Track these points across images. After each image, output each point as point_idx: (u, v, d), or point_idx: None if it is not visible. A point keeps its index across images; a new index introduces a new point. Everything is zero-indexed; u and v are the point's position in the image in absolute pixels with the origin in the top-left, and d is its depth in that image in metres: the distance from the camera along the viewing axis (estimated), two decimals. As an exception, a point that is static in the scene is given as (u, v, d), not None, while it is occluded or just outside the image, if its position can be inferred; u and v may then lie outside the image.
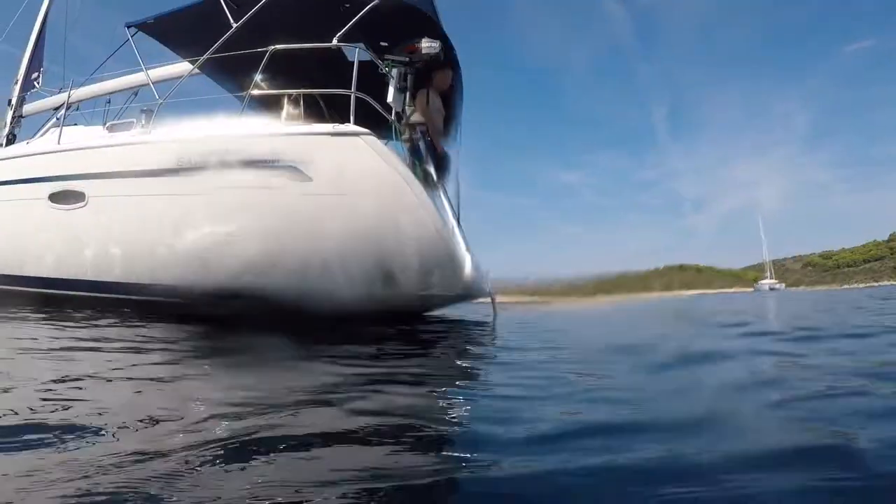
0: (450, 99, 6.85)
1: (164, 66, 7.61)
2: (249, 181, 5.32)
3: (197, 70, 6.66)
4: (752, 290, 62.93)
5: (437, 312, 7.10)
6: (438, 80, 6.23)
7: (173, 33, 7.06)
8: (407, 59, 5.88)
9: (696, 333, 5.21)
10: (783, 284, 75.58)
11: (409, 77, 5.90)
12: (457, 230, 5.57)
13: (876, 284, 72.56)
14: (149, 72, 7.06)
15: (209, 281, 5.67)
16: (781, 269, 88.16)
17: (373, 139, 5.13)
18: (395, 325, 5.48)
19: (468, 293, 6.13)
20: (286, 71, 5.89)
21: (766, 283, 73.76)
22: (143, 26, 6.93)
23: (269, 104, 6.14)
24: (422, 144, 5.83)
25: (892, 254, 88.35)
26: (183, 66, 7.25)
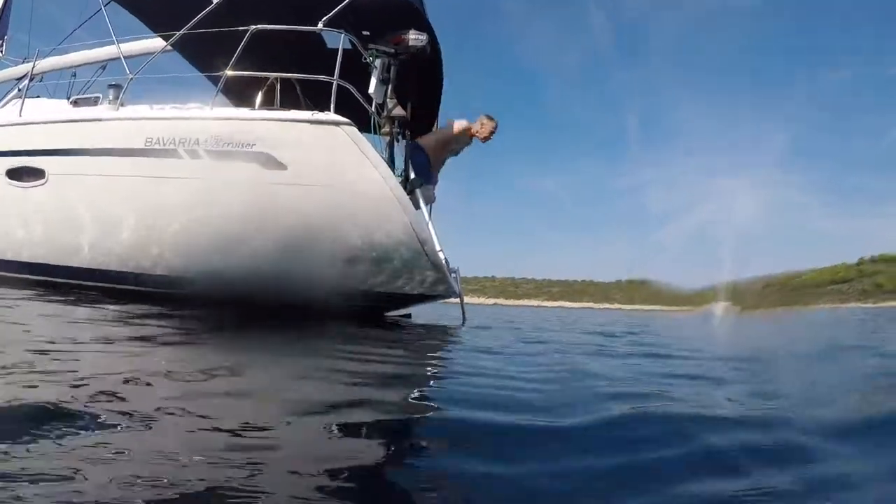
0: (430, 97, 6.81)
1: (136, 40, 7.29)
2: (220, 166, 5.11)
3: (171, 47, 6.34)
4: (704, 311, 63.83)
5: (405, 311, 6.92)
6: (484, 128, 6.22)
7: (148, 6, 6.71)
8: (392, 50, 5.69)
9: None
10: (738, 307, 76.64)
11: (392, 69, 5.70)
12: (431, 229, 5.43)
13: (842, 306, 74.07)
14: (120, 45, 6.71)
15: (175, 266, 5.52)
16: (740, 291, 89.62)
17: (353, 130, 4.92)
18: (364, 323, 5.36)
19: (439, 293, 5.97)
20: (265, 54, 5.60)
21: (720, 305, 74.74)
22: None
23: (245, 88, 5.86)
24: (401, 139, 5.71)
25: (860, 276, 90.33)
26: (156, 42, 6.84)
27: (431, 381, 2.61)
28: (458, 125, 6.25)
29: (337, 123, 4.89)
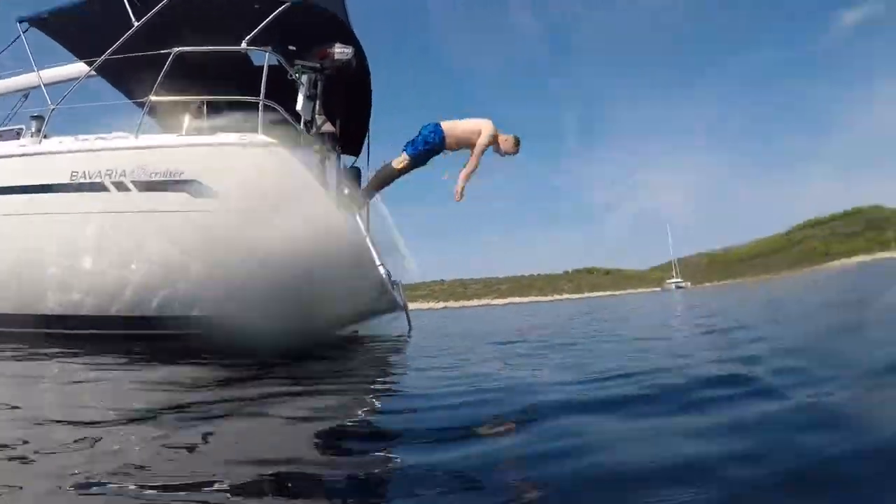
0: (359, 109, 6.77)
1: (58, 66, 7.09)
2: (149, 199, 4.98)
3: (94, 72, 6.21)
4: (659, 290, 65.58)
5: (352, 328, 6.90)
6: (505, 144, 5.71)
7: (70, 30, 6.58)
8: (318, 64, 5.73)
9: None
10: (689, 283, 79.24)
11: (318, 84, 5.74)
12: (369, 243, 5.39)
13: (769, 277, 76.88)
14: (41, 73, 6.58)
15: (106, 308, 5.27)
16: (687, 268, 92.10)
17: (282, 150, 4.91)
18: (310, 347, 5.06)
19: (384, 308, 5.97)
20: (190, 76, 5.54)
21: (673, 282, 77.30)
22: (36, 22, 6.42)
23: (172, 111, 5.73)
24: (332, 156, 5.69)
25: (790, 245, 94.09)
26: (79, 68, 6.75)
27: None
28: (492, 128, 5.66)
29: (265, 145, 4.87)
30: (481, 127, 5.61)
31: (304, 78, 5.64)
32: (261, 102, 5.05)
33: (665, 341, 4.69)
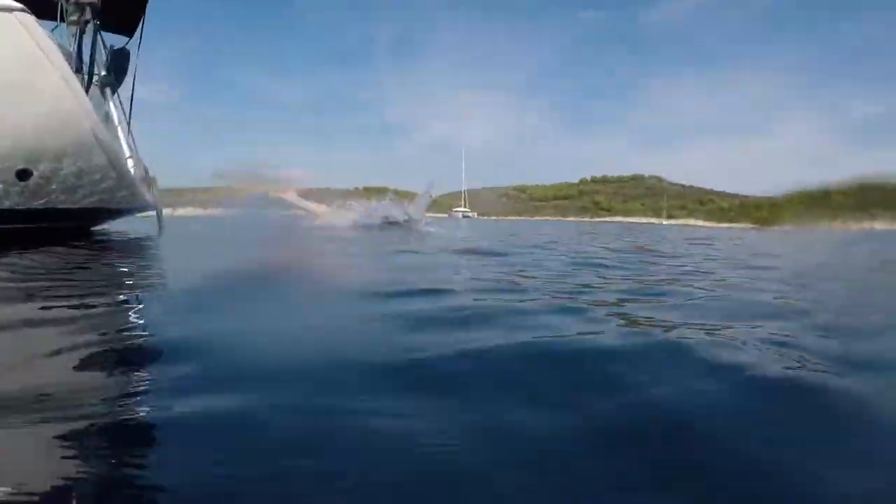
0: None
1: None
2: None
3: None
4: (446, 216, 68.90)
5: (101, 227, 6.57)
6: None
7: None
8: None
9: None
10: (475, 213, 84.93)
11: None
12: (122, 134, 5.16)
13: (562, 219, 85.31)
14: None
15: None
16: (477, 198, 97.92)
17: (28, 18, 4.51)
18: (50, 244, 4.90)
19: (134, 205, 5.76)
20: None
21: (460, 211, 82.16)
22: None
23: None
24: (91, 31, 5.27)
25: (579, 195, 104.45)
26: None
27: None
28: None
29: (10, 10, 4.45)
30: None
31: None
32: None
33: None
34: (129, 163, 5.16)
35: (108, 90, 5.42)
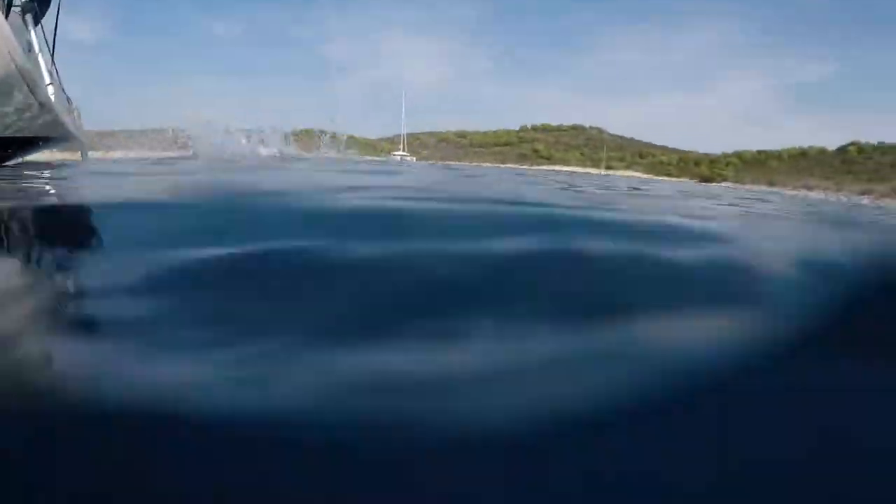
0: None
1: None
2: None
3: None
4: (384, 158, 68.21)
5: (21, 160, 6.30)
6: None
7: None
8: None
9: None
10: (414, 157, 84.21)
11: None
12: (42, 63, 5.03)
13: (502, 166, 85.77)
14: None
15: None
16: (417, 143, 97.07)
17: None
18: None
19: (49, 135, 5.61)
20: None
21: (399, 154, 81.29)
22: None
23: None
24: None
25: (519, 142, 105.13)
26: None
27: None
28: None
29: None
30: None
31: None
32: None
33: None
34: (50, 90, 4.93)
35: (29, 17, 5.25)
